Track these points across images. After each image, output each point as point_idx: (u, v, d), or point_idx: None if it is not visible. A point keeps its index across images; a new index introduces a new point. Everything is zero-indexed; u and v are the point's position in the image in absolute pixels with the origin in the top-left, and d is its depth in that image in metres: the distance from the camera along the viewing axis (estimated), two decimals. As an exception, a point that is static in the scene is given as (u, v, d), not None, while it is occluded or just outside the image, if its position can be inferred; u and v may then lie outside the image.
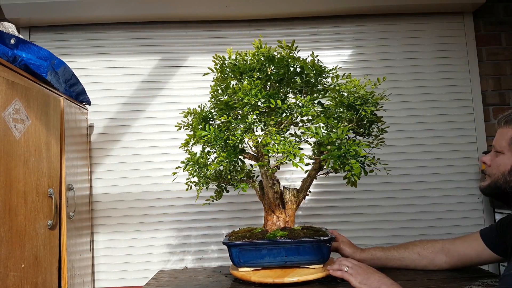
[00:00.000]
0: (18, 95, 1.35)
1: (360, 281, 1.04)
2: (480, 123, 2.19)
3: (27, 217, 1.36)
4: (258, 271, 1.21)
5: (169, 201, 2.12)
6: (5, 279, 1.22)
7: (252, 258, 1.21)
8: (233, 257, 1.21)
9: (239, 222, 2.10)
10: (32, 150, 1.41)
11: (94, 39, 2.20)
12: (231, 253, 1.21)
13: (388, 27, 2.26)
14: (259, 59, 1.20)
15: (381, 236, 2.12)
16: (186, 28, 2.23)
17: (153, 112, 2.17)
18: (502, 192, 1.00)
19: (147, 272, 2.02)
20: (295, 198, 1.31)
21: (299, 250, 1.19)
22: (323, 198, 2.14)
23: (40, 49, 1.58)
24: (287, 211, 1.31)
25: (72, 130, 1.81)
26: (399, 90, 2.20)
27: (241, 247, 1.20)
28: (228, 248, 1.22)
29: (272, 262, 1.20)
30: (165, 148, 2.14)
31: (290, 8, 2.14)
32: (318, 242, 1.17)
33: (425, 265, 1.23)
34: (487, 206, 2.13)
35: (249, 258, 1.21)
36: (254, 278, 1.17)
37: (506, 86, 2.25)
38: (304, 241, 1.18)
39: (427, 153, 2.18)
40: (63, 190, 1.62)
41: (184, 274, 1.40)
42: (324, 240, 1.17)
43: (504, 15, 2.29)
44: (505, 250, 1.09)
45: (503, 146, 0.99)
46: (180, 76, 2.20)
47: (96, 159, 2.12)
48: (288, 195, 1.31)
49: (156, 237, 2.10)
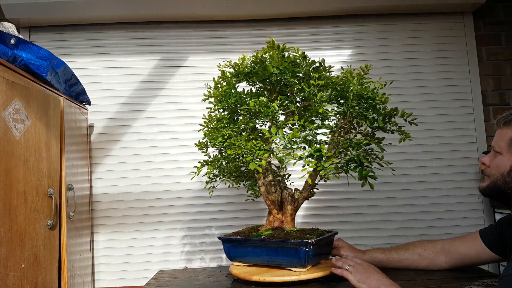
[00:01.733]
0: (18, 95, 1.35)
1: (359, 279, 1.03)
2: (480, 123, 2.19)
3: (27, 217, 1.36)
4: (248, 267, 1.26)
5: (169, 201, 2.12)
6: (5, 279, 1.22)
7: (240, 254, 1.28)
8: (226, 252, 1.31)
9: (240, 222, 2.10)
10: (32, 150, 1.42)
11: (94, 39, 2.20)
12: (224, 247, 1.31)
13: (388, 27, 2.26)
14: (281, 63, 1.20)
15: (381, 236, 2.12)
16: (186, 28, 2.23)
17: (153, 112, 2.17)
18: (501, 193, 0.99)
19: (147, 272, 2.02)
20: (292, 198, 1.31)
21: (277, 251, 1.20)
22: (324, 198, 2.14)
23: (40, 49, 1.58)
24: (284, 211, 1.31)
25: (72, 130, 1.81)
26: (399, 90, 2.20)
27: (230, 243, 1.29)
28: (222, 243, 1.31)
29: (257, 260, 1.26)
30: (165, 148, 2.14)
31: (290, 8, 2.14)
32: (294, 246, 1.16)
33: (425, 265, 1.23)
34: (487, 206, 2.13)
35: (237, 254, 1.29)
36: (240, 274, 1.21)
37: (506, 86, 2.25)
38: (281, 243, 1.18)
39: (427, 153, 2.18)
40: (63, 190, 1.62)
41: (184, 274, 1.40)
42: (300, 243, 1.14)
43: (504, 15, 2.29)
44: (504, 250, 1.09)
45: (502, 147, 0.99)
46: (180, 76, 2.20)
47: (96, 159, 2.12)
48: (286, 195, 1.31)
49: (156, 237, 2.10)
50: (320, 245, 1.21)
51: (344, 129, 1.23)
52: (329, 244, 1.31)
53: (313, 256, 1.18)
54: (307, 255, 1.15)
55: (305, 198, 1.33)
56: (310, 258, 1.16)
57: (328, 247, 1.31)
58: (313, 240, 1.14)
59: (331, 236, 1.29)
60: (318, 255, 1.23)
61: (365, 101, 1.16)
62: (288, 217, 1.31)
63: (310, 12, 2.19)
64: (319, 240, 1.18)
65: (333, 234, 1.31)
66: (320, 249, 1.23)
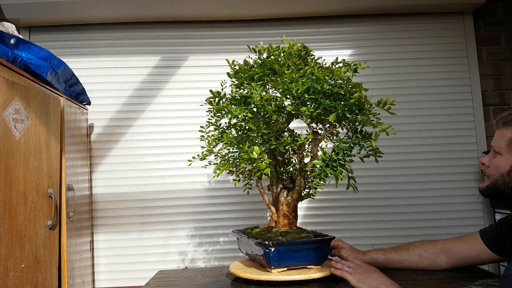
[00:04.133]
0: (18, 95, 1.35)
1: (358, 279, 1.04)
2: (480, 123, 2.19)
3: (27, 217, 1.36)
4: (248, 267, 1.29)
5: (169, 201, 2.12)
6: (5, 279, 1.22)
7: (240, 247, 1.42)
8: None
9: (240, 222, 2.10)
10: (32, 150, 1.42)
11: (94, 39, 2.20)
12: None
13: (388, 27, 2.26)
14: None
15: (381, 236, 2.12)
16: (186, 28, 2.23)
17: (153, 112, 2.17)
18: (501, 193, 0.99)
19: (147, 272, 2.02)
20: (285, 199, 1.31)
21: (253, 249, 1.27)
22: (323, 198, 2.14)
23: (40, 49, 1.58)
24: (279, 211, 1.32)
25: (72, 130, 1.81)
26: (399, 90, 2.20)
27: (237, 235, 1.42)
28: None
29: (248, 254, 1.37)
30: (165, 148, 2.14)
31: (290, 8, 2.14)
32: (259, 245, 1.19)
33: (426, 266, 1.23)
34: (487, 206, 2.13)
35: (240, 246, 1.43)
36: (240, 273, 1.24)
37: (506, 86, 2.25)
38: (255, 241, 1.22)
39: (427, 153, 2.18)
40: (63, 190, 1.62)
41: (184, 274, 1.40)
42: (264, 244, 1.15)
43: (504, 15, 2.29)
44: (504, 250, 1.09)
45: (501, 147, 0.99)
46: (180, 76, 2.20)
47: (96, 159, 2.12)
48: (280, 196, 1.32)
49: (156, 237, 2.10)
50: (289, 250, 1.17)
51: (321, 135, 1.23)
52: (314, 250, 1.23)
53: (280, 260, 1.16)
54: (269, 256, 1.15)
55: (296, 200, 1.32)
56: (274, 260, 1.15)
57: (312, 253, 1.22)
58: (270, 242, 1.14)
59: (306, 242, 1.21)
60: (288, 259, 1.19)
61: (331, 91, 1.10)
62: (280, 217, 1.32)
63: (310, 12, 2.19)
64: (282, 243, 1.16)
65: (315, 240, 1.23)
66: (291, 254, 1.18)
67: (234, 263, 1.38)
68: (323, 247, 1.25)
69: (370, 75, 2.20)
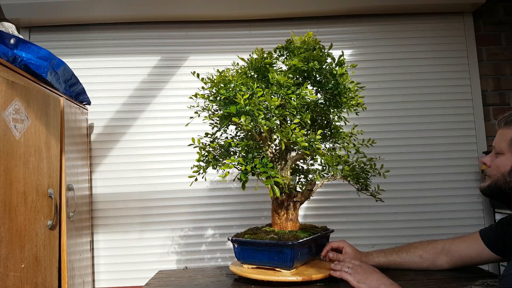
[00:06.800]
0: (18, 95, 1.35)
1: (358, 280, 1.03)
2: (480, 123, 2.19)
3: (27, 217, 1.36)
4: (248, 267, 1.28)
5: (169, 201, 2.12)
6: (5, 279, 1.22)
7: None
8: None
9: (240, 222, 2.10)
10: (32, 150, 1.41)
11: (94, 39, 2.20)
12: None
13: (388, 27, 2.26)
14: None
15: (381, 236, 2.12)
16: (186, 28, 2.23)
17: (153, 112, 2.17)
18: (502, 193, 0.99)
19: (147, 272, 2.02)
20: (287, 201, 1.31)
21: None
22: (324, 198, 2.14)
23: (40, 49, 1.58)
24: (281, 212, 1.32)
25: (72, 130, 1.81)
26: (399, 90, 2.20)
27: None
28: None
29: None
30: (165, 148, 2.14)
31: (290, 8, 2.14)
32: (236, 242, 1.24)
33: (426, 266, 1.23)
34: (487, 206, 2.13)
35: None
36: (240, 273, 1.24)
37: (506, 86, 2.25)
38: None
39: (427, 153, 2.18)
40: (63, 190, 1.62)
41: (184, 274, 1.40)
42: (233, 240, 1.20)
43: (504, 15, 2.29)
44: (504, 250, 1.09)
45: (503, 147, 0.99)
46: (180, 76, 2.20)
47: (96, 159, 2.12)
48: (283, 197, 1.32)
49: (156, 237, 2.10)
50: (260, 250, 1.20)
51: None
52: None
53: (245, 257, 1.23)
54: (239, 252, 1.23)
55: (296, 202, 1.32)
56: (242, 256, 1.23)
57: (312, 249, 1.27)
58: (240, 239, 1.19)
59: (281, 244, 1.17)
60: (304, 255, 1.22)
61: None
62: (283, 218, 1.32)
63: (310, 12, 2.19)
64: (302, 242, 1.16)
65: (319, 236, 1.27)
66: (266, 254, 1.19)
67: (234, 262, 1.38)
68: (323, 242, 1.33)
69: (370, 75, 2.20)
